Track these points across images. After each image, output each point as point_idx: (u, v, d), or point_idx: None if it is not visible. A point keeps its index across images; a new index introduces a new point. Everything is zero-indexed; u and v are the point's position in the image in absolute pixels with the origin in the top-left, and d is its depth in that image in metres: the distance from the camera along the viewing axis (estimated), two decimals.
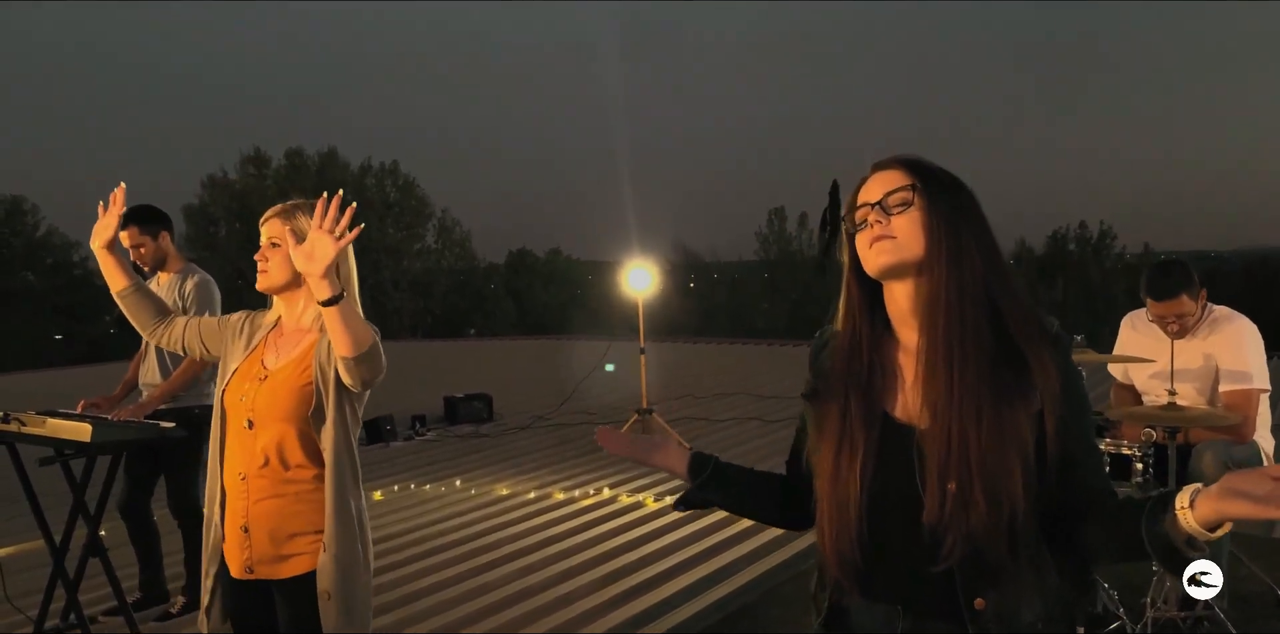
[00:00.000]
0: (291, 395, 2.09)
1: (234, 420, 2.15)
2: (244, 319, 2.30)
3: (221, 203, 35.54)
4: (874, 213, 1.33)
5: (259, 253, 2.17)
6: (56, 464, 3.35)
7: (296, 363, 2.13)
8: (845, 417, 1.33)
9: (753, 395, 8.95)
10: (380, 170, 38.63)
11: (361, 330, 1.93)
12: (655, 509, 5.20)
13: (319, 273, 1.86)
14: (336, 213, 1.88)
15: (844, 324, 1.41)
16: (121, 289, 2.36)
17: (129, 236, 3.74)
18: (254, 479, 2.11)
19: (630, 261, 7.15)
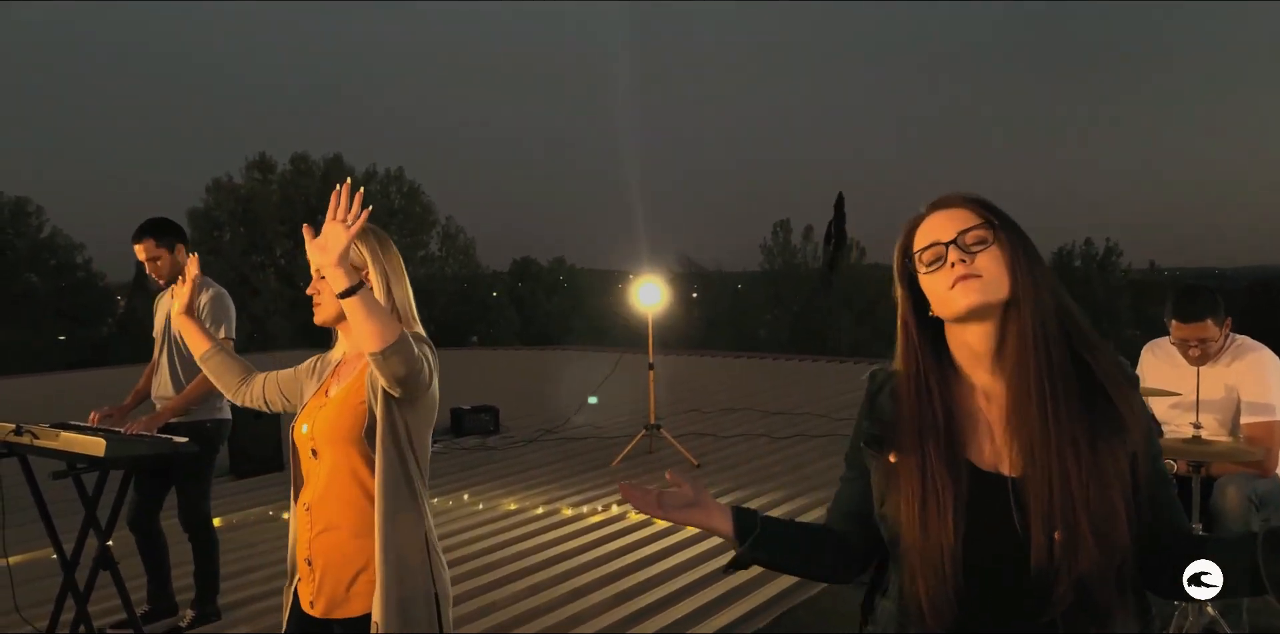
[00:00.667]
0: (346, 415, 2.03)
1: (303, 451, 2.11)
2: (315, 362, 2.27)
3: (226, 207, 35.56)
4: (954, 251, 1.29)
5: (311, 286, 2.11)
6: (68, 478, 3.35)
7: (353, 383, 2.08)
8: (926, 467, 1.28)
9: (759, 411, 8.92)
10: (385, 177, 38.73)
11: (385, 322, 1.82)
12: (663, 527, 5.17)
13: (332, 262, 1.80)
14: (346, 201, 1.82)
15: (906, 367, 1.36)
16: (203, 352, 2.37)
17: (145, 249, 3.74)
18: (317, 509, 2.05)
19: (640, 276, 7.13)
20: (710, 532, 1.39)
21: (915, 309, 1.36)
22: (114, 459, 3.17)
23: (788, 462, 6.73)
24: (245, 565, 4.62)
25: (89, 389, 12.31)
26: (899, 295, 1.38)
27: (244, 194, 35.99)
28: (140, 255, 3.75)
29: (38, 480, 3.55)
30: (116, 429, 3.49)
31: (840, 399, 9.52)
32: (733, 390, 10.37)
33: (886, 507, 1.33)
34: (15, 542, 4.39)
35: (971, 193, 1.36)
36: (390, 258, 2.14)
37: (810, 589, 4.13)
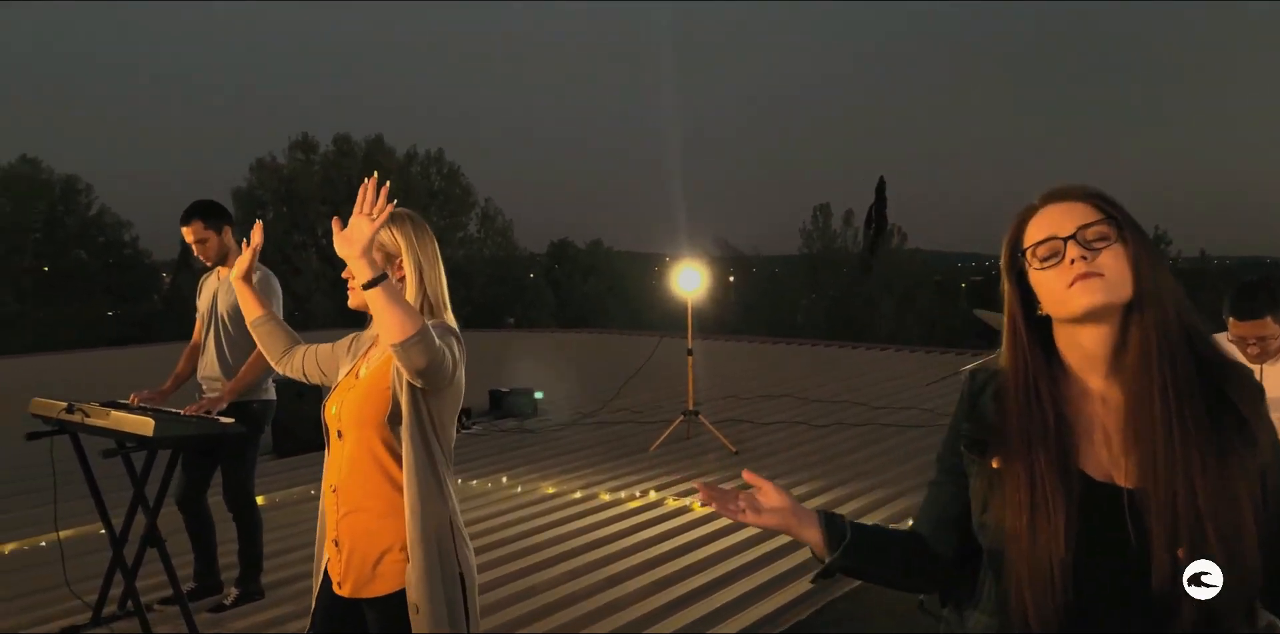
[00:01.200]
0: (372, 399, 2.06)
1: (330, 432, 2.14)
2: (352, 339, 2.29)
3: (269, 187, 35.89)
4: (1073, 247, 1.22)
5: (346, 270, 2.10)
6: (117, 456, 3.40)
7: (380, 368, 2.10)
8: (1034, 475, 1.22)
9: (797, 398, 8.87)
10: (425, 158, 38.90)
11: (407, 315, 1.85)
12: (702, 514, 5.15)
13: (357, 254, 1.85)
14: (373, 195, 1.87)
15: (1014, 368, 1.29)
16: (256, 318, 2.39)
17: (193, 231, 3.77)
18: (342, 491, 2.08)
19: (676, 259, 7.10)
20: (796, 538, 1.34)
21: (1023, 306, 1.29)
22: (162, 439, 3.21)
23: (825, 450, 6.68)
24: (287, 545, 4.68)
25: (136, 365, 12.52)
26: (1006, 291, 1.31)
27: (287, 174, 36.30)
28: (188, 237, 3.78)
29: (88, 457, 3.62)
30: (173, 409, 3.53)
31: (878, 387, 9.43)
32: (770, 376, 10.32)
33: (989, 515, 1.26)
34: (66, 516, 4.49)
35: (1091, 186, 1.28)
36: (425, 245, 2.16)
37: (851, 581, 4.10)
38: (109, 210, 37.91)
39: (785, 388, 9.44)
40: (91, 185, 37.68)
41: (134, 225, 38.41)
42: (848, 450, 6.66)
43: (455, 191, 38.53)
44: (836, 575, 1.34)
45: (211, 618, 3.80)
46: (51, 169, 36.86)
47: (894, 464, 6.24)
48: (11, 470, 6.31)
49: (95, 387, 10.02)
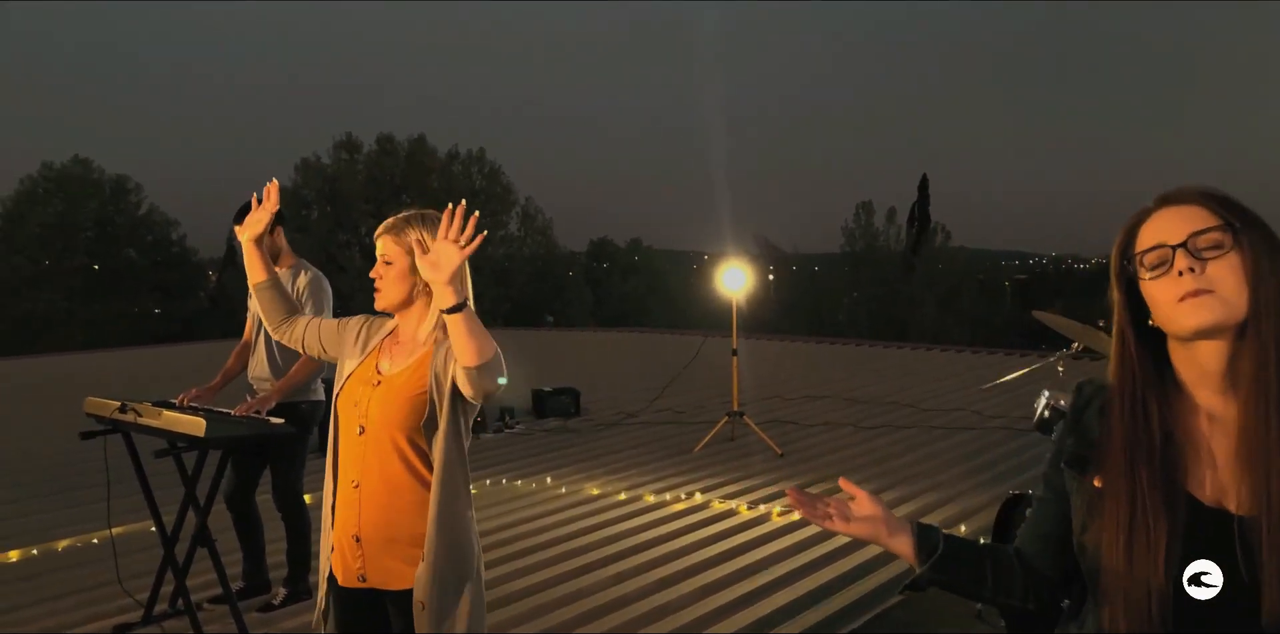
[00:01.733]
0: (405, 403, 2.07)
1: (346, 425, 2.14)
2: (363, 324, 2.30)
3: (314, 186, 36.24)
4: (1181, 257, 1.13)
5: (374, 269, 2.17)
6: None
7: (412, 370, 2.11)
8: (1136, 495, 1.15)
9: (843, 399, 8.76)
10: (467, 157, 39.08)
11: (484, 340, 1.90)
12: (749, 517, 5.09)
13: (444, 280, 1.86)
14: (461, 223, 1.88)
15: (1120, 382, 1.21)
16: (259, 282, 2.37)
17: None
18: (366, 487, 2.09)
19: (715, 256, 7.03)
20: (887, 548, 1.31)
21: (1134, 317, 1.21)
22: (213, 439, 3.21)
23: (873, 453, 6.57)
24: None
25: (183, 364, 12.70)
26: (1115, 301, 1.23)
27: (330, 174, 36.66)
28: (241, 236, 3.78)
29: (140, 457, 3.64)
30: (223, 409, 3.54)
31: (925, 388, 9.29)
32: (813, 377, 10.21)
33: (1088, 535, 1.20)
34: (118, 513, 4.55)
35: (1209, 187, 1.19)
36: None
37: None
38: (157, 209, 38.57)
39: (829, 388, 9.33)
40: (141, 185, 38.36)
41: (181, 224, 39.03)
42: (897, 453, 6.54)
43: (496, 190, 38.68)
44: (926, 588, 1.29)
45: (260, 617, 3.80)
46: (102, 169, 37.58)
47: (945, 467, 6.12)
48: (65, 466, 6.40)
49: (144, 384, 10.17)
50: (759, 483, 5.78)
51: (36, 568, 4.47)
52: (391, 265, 2.14)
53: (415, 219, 2.15)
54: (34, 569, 4.45)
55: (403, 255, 2.13)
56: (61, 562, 4.56)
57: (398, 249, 2.14)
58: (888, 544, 1.30)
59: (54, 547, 4.74)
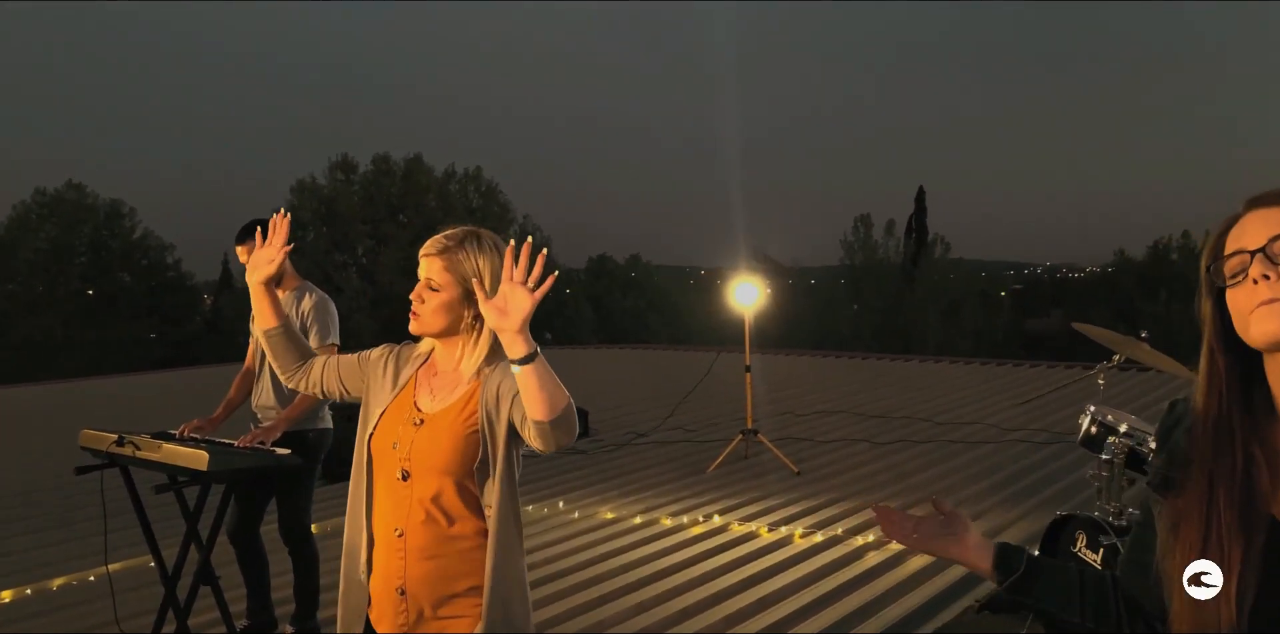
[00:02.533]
0: (454, 445, 1.88)
1: (384, 469, 1.94)
2: (387, 354, 2.09)
3: (310, 207, 36.11)
4: (1258, 264, 1.04)
5: (415, 291, 1.95)
6: None
7: (460, 407, 1.92)
8: (1211, 518, 1.05)
9: (855, 413, 8.60)
10: (464, 176, 39.01)
11: (557, 391, 1.70)
12: (770, 540, 4.92)
13: (514, 329, 1.66)
14: (528, 262, 1.68)
15: (1205, 399, 1.12)
16: (270, 328, 2.12)
17: (248, 251, 3.62)
18: (412, 536, 1.89)
19: (735, 275, 6.88)
20: (967, 567, 1.30)
21: (1224, 331, 1.10)
22: (216, 473, 3.05)
23: (892, 470, 6.41)
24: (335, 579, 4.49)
25: (183, 391, 12.52)
26: (1204, 313, 1.12)
27: (327, 194, 36.59)
28: (243, 258, 3.64)
29: (139, 491, 3.48)
30: (226, 440, 3.38)
31: (937, 402, 9.13)
32: (823, 391, 10.04)
33: (1166, 561, 1.10)
34: (115, 547, 4.37)
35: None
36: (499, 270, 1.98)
37: (939, 612, 3.84)
38: (152, 233, 38.49)
39: (840, 403, 9.17)
40: (135, 209, 38.27)
41: (176, 248, 38.91)
42: (916, 469, 6.38)
43: (493, 208, 38.61)
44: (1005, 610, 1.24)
45: None
46: (96, 194, 37.54)
47: (968, 483, 5.95)
48: (61, 500, 6.22)
49: (142, 414, 9.99)
50: (777, 503, 5.61)
51: (31, 608, 4.28)
52: (438, 293, 1.92)
53: (470, 242, 1.93)
54: (28, 610, 4.26)
55: (453, 284, 1.91)
56: (58, 601, 4.37)
57: (449, 277, 1.91)
58: (972, 564, 1.28)
59: (49, 585, 4.55)
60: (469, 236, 1.95)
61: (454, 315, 1.93)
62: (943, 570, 4.38)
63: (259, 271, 2.08)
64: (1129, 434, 2.96)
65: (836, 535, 4.94)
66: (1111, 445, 2.94)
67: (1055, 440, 7.11)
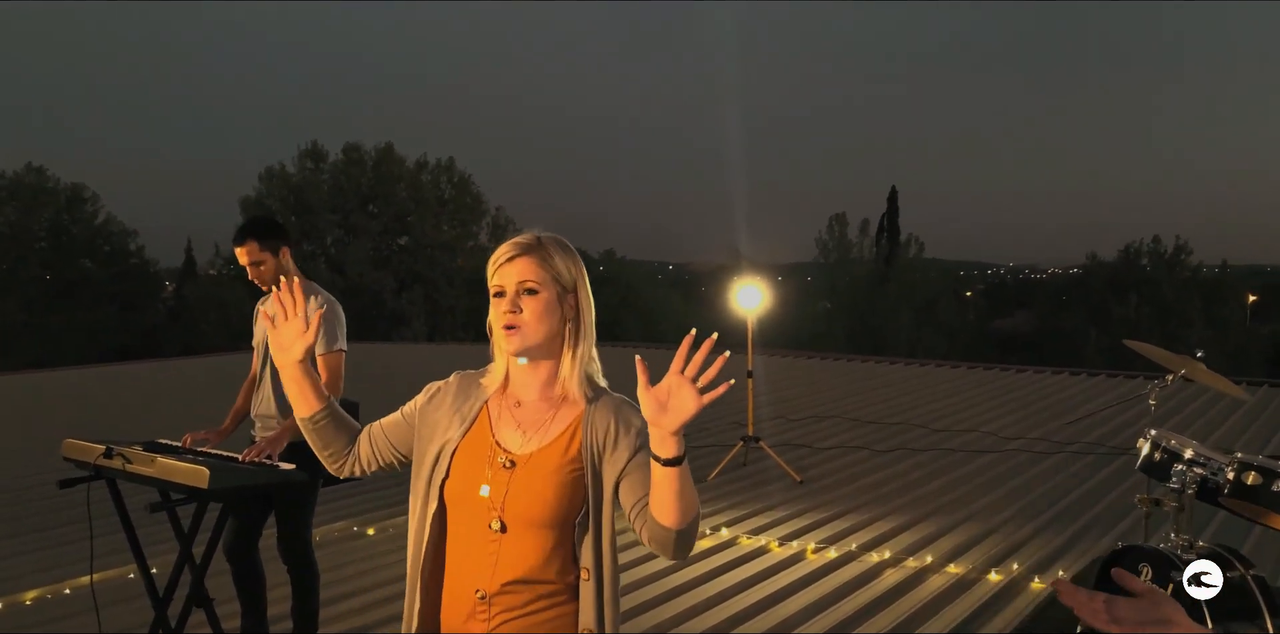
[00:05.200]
0: (558, 492, 1.64)
1: (468, 519, 1.68)
2: (437, 391, 1.80)
3: (278, 196, 35.46)
4: None
5: (505, 302, 1.67)
6: None
7: (561, 449, 1.68)
8: None
9: (848, 418, 8.45)
10: (436, 167, 38.48)
11: (694, 499, 1.54)
12: (783, 556, 4.74)
13: (672, 429, 1.48)
14: (705, 360, 1.49)
15: None
16: (313, 414, 1.78)
17: (247, 252, 3.36)
18: (501, 600, 1.65)
19: (740, 279, 6.69)
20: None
21: None
22: (218, 491, 2.81)
23: (898, 480, 6.25)
24: (336, 591, 4.25)
25: (146, 385, 12.13)
26: None
27: (295, 183, 35.95)
28: (242, 259, 3.38)
29: (127, 506, 3.22)
30: (228, 453, 3.14)
31: (931, 406, 9.00)
32: (814, 395, 9.89)
33: None
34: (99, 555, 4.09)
35: None
36: (586, 278, 1.78)
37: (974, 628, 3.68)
38: (115, 219, 37.58)
39: (832, 408, 9.02)
40: (98, 194, 37.36)
41: (139, 234, 38.05)
42: (922, 480, 6.23)
43: (466, 200, 38.13)
44: None
45: None
46: (58, 177, 36.57)
47: (977, 495, 5.81)
48: (37, 504, 5.90)
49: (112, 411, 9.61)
50: (785, 515, 5.43)
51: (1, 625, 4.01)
52: (537, 294, 1.67)
53: (553, 245, 1.71)
54: None
55: (551, 282, 1.67)
56: (31, 617, 4.09)
57: (544, 274, 1.67)
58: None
59: (20, 599, 4.27)
60: (547, 238, 1.73)
61: (556, 320, 1.69)
62: (966, 590, 4.23)
63: (289, 351, 1.76)
64: (1199, 462, 2.80)
65: (850, 551, 4.77)
66: (1182, 473, 2.78)
67: (1056, 451, 6.99)
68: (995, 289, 72.45)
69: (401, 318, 33.89)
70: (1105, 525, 5.16)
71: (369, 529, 5.25)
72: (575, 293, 1.72)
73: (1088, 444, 7.17)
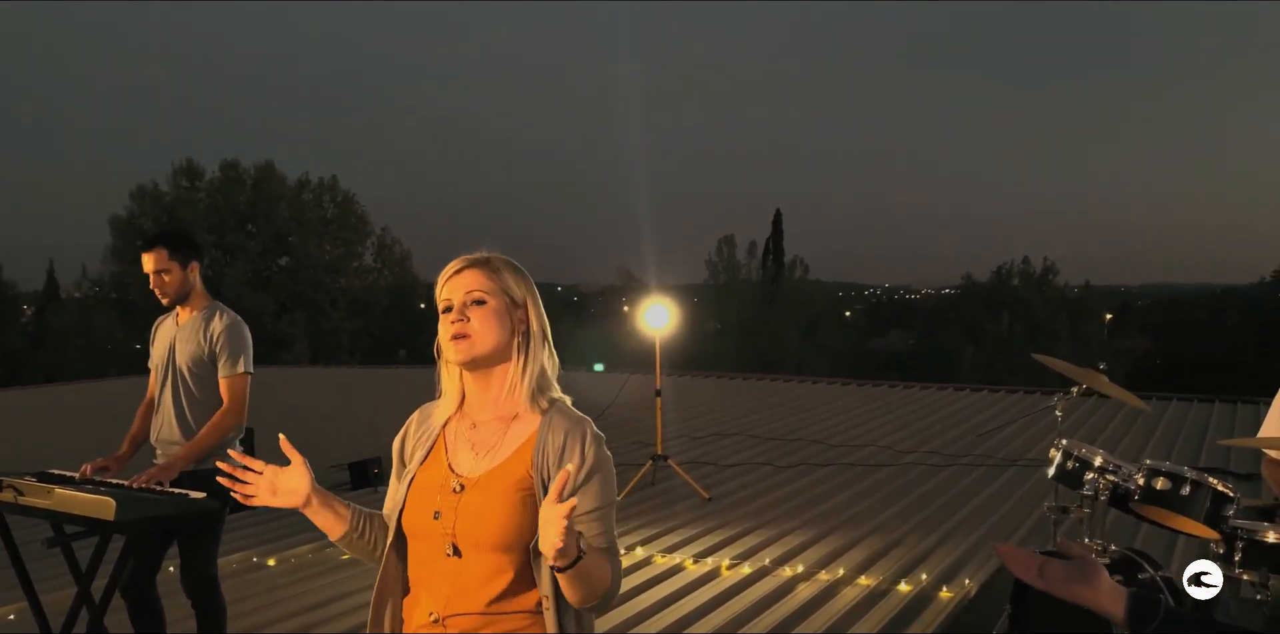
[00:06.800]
0: (508, 513, 1.60)
1: (426, 547, 1.65)
2: (405, 433, 1.79)
3: (151, 215, 33.87)
4: None
5: (453, 313, 1.65)
6: None
7: (510, 467, 1.64)
8: None
9: (750, 435, 8.55)
10: (318, 186, 37.50)
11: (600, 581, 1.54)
12: (698, 573, 4.74)
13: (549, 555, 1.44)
14: None
15: None
16: (343, 534, 1.73)
17: (155, 259, 3.22)
18: (453, 619, 1.61)
19: (648, 299, 6.72)
20: (1097, 611, 1.25)
21: None
22: (124, 522, 2.64)
23: (802, 495, 6.35)
24: (238, 626, 4.04)
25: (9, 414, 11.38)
26: None
27: (169, 202, 34.49)
28: (147, 265, 3.24)
29: (15, 542, 3.01)
30: (118, 481, 2.96)
31: (826, 423, 9.20)
32: (715, 413, 9.99)
33: None
34: None
35: None
36: (536, 292, 1.76)
37: None
38: None
39: (733, 425, 9.13)
40: None
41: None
42: (825, 494, 6.34)
43: (350, 220, 37.24)
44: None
45: None
46: None
47: (880, 508, 5.95)
48: None
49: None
50: (696, 532, 5.44)
51: None
52: (486, 304, 1.65)
53: (501, 261, 1.71)
54: None
55: (500, 293, 1.67)
56: None
57: (493, 285, 1.67)
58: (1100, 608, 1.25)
59: None
60: (495, 255, 1.73)
61: (506, 331, 1.66)
62: (879, 601, 4.31)
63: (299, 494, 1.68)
64: (1109, 469, 2.93)
65: (764, 566, 4.81)
66: (1094, 481, 2.91)
67: (949, 464, 7.23)
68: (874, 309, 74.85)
69: (282, 342, 32.78)
70: (1005, 534, 5.35)
71: (269, 560, 5.03)
72: (525, 308, 1.71)
73: (978, 457, 7.44)
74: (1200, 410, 9.61)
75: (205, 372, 3.27)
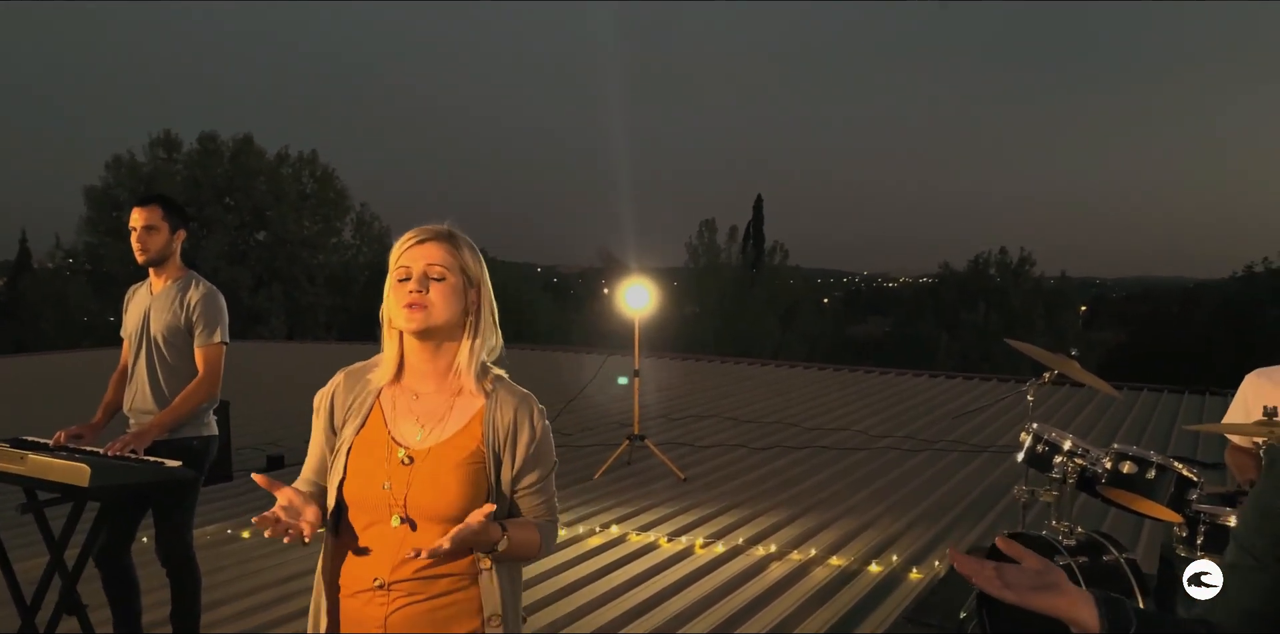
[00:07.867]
0: (462, 486, 1.65)
1: (368, 515, 1.67)
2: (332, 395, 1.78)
3: (127, 186, 33.45)
4: None
5: (411, 283, 1.66)
6: None
7: (461, 440, 1.68)
8: None
9: (727, 418, 8.60)
10: (298, 160, 37.13)
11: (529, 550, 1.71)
12: (672, 551, 4.78)
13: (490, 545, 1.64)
14: None
15: None
16: None
17: (147, 214, 3.26)
18: (401, 589, 1.65)
19: (628, 279, 6.72)
20: (1068, 621, 1.16)
21: None
22: (99, 489, 2.63)
23: (776, 476, 6.40)
24: (214, 597, 4.04)
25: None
26: None
27: (146, 173, 34.06)
28: (138, 219, 3.25)
29: None
30: (96, 449, 2.94)
31: (803, 406, 9.27)
32: (693, 395, 10.03)
33: None
34: None
35: None
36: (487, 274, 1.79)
37: (859, 628, 3.80)
38: None
39: (710, 407, 9.17)
40: None
41: None
42: (800, 476, 6.39)
43: (329, 195, 36.91)
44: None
45: None
46: None
47: (852, 490, 6.01)
48: None
49: None
50: (671, 511, 5.48)
51: None
52: (445, 281, 1.68)
53: (462, 238, 1.73)
54: None
55: (459, 271, 1.70)
56: None
57: (453, 261, 1.69)
58: (1069, 616, 1.16)
59: None
60: (457, 231, 1.74)
61: (460, 309, 1.70)
62: (849, 581, 4.36)
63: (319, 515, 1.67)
64: (1078, 453, 2.98)
65: (737, 545, 4.85)
66: (1063, 465, 2.95)
67: (922, 448, 7.30)
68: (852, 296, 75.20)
69: (258, 316, 32.55)
70: (975, 517, 5.42)
71: (243, 532, 5.02)
72: (478, 289, 1.73)
73: (951, 442, 7.52)
74: (1170, 401, 9.74)
75: (180, 341, 3.26)
